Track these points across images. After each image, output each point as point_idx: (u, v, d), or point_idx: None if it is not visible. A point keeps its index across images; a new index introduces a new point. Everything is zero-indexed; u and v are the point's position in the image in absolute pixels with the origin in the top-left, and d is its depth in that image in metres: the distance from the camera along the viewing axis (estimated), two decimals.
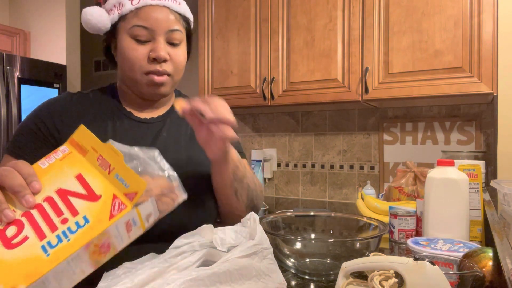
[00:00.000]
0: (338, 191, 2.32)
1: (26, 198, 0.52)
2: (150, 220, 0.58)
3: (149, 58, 0.80)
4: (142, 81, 0.82)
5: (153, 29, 0.79)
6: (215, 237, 0.61)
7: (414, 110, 2.11)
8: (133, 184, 0.56)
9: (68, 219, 0.53)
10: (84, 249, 0.51)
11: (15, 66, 2.57)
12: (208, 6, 2.31)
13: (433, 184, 1.04)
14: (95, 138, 0.61)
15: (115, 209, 0.54)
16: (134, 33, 0.79)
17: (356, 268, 0.64)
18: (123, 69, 0.83)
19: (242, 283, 0.54)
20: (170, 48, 0.82)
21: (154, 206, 0.58)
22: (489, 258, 0.70)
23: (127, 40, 0.80)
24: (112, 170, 0.58)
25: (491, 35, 1.60)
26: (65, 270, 0.50)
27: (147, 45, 0.80)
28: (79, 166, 0.59)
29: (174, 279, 0.50)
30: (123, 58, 0.81)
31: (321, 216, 1.01)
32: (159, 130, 0.88)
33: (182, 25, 0.84)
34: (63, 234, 0.51)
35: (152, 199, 0.57)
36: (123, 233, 0.55)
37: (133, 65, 0.80)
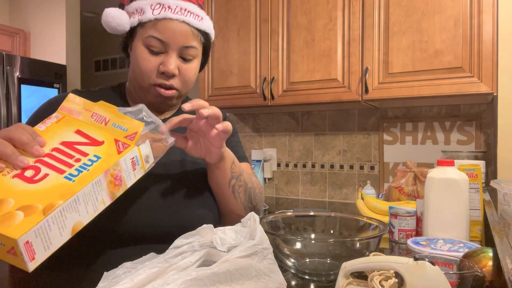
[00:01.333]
0: (338, 191, 2.32)
1: (35, 147, 0.57)
2: (149, 162, 0.65)
3: (158, 70, 0.80)
4: (149, 91, 0.82)
5: (168, 43, 0.79)
6: (215, 237, 0.61)
7: (414, 110, 2.11)
8: (131, 127, 0.62)
9: (80, 159, 0.58)
10: (104, 176, 0.57)
11: (15, 66, 2.58)
12: (208, 6, 2.31)
13: (433, 184, 1.04)
14: (85, 100, 0.65)
15: (120, 147, 0.61)
16: (149, 43, 0.79)
17: (356, 268, 0.64)
18: (133, 73, 0.84)
19: (242, 283, 0.54)
20: (181, 63, 0.82)
21: (150, 150, 0.65)
22: (489, 258, 0.70)
23: (141, 48, 0.80)
24: (109, 121, 0.63)
25: (491, 35, 1.60)
26: (90, 193, 0.55)
27: (159, 57, 0.80)
28: (75, 124, 0.63)
29: (174, 279, 0.50)
30: (135, 65, 0.82)
31: (321, 216, 1.01)
32: None
33: (199, 41, 0.84)
34: (81, 167, 0.57)
35: (147, 142, 0.64)
36: (130, 169, 0.61)
37: (142, 74, 0.81)
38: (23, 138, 0.57)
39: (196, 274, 0.50)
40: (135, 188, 0.71)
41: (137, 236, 0.75)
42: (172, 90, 0.82)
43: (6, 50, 2.92)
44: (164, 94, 0.82)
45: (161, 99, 0.83)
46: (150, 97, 0.83)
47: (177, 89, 0.83)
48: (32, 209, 0.49)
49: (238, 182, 0.85)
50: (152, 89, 0.81)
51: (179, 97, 0.86)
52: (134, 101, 0.89)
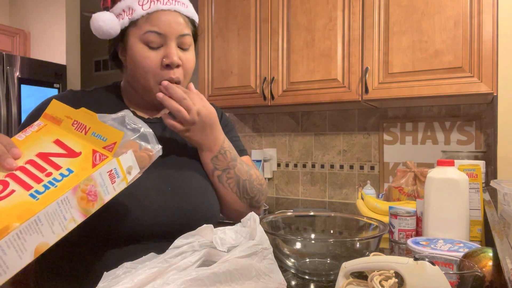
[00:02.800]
0: (338, 191, 2.32)
1: (7, 161, 0.55)
2: (132, 173, 0.61)
3: (162, 64, 0.79)
4: (156, 89, 0.81)
5: (166, 34, 0.79)
6: (215, 237, 0.61)
7: (414, 110, 2.11)
8: (110, 137, 0.59)
9: (52, 173, 0.55)
10: (72, 193, 0.53)
11: (15, 66, 2.58)
12: (208, 6, 2.31)
13: (433, 184, 1.04)
14: (68, 108, 0.63)
15: (97, 159, 0.57)
16: (147, 39, 0.78)
17: (356, 268, 0.64)
18: (134, 75, 0.82)
19: (242, 283, 0.54)
20: (181, 52, 0.82)
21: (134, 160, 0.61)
22: (489, 258, 0.70)
23: (139, 46, 0.79)
24: (89, 130, 0.60)
25: (491, 35, 1.60)
26: (56, 213, 0.51)
27: (159, 51, 0.80)
28: (56, 133, 0.61)
29: (174, 279, 0.50)
30: (136, 65, 0.80)
31: (321, 216, 1.01)
32: (162, 131, 0.88)
33: (190, 29, 0.84)
34: (49, 183, 0.53)
35: (130, 152, 0.60)
36: (107, 183, 0.57)
37: (146, 73, 0.80)
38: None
39: (196, 274, 0.50)
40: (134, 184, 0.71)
41: (140, 234, 0.75)
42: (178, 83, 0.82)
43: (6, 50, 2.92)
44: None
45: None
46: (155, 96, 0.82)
47: (181, 81, 0.82)
48: None
49: (227, 174, 0.86)
50: (157, 87, 0.80)
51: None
52: (131, 101, 0.89)
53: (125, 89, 0.90)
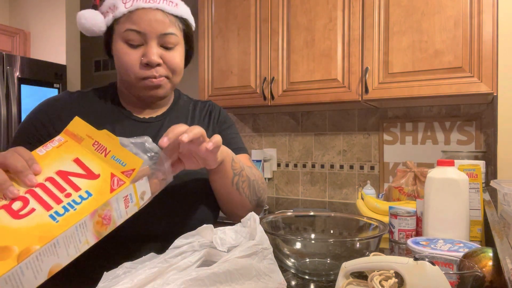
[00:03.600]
0: (338, 191, 2.32)
1: (29, 177, 0.55)
2: (145, 199, 0.62)
3: (141, 63, 0.79)
4: (138, 84, 0.81)
5: (145, 33, 0.78)
6: (215, 237, 0.61)
7: (414, 110, 2.11)
8: (130, 162, 0.59)
9: (71, 194, 0.55)
10: (90, 217, 0.54)
11: (15, 66, 2.57)
12: (208, 6, 2.31)
13: (433, 184, 1.04)
14: (89, 127, 0.64)
15: (115, 184, 0.58)
16: (127, 37, 0.78)
17: (356, 268, 0.64)
18: (119, 72, 0.83)
19: (242, 283, 0.54)
20: (164, 51, 0.80)
21: (148, 186, 0.62)
22: (489, 258, 0.70)
23: (120, 44, 0.79)
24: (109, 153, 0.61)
25: (491, 35, 1.60)
26: (73, 236, 0.52)
27: (140, 49, 0.79)
28: (76, 151, 0.62)
29: (174, 279, 0.50)
30: (118, 62, 0.81)
31: (321, 216, 1.01)
32: (158, 130, 0.88)
33: (178, 28, 0.82)
34: (69, 205, 0.54)
35: (146, 178, 0.61)
36: (122, 207, 0.58)
37: (127, 70, 0.79)
38: (17, 165, 0.55)
39: (196, 274, 0.50)
40: None
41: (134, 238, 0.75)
42: (162, 77, 0.81)
43: (6, 50, 2.92)
44: (155, 82, 0.80)
45: (151, 91, 0.82)
46: (140, 91, 0.82)
47: (166, 76, 0.81)
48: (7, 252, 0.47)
49: (241, 178, 0.84)
50: (140, 83, 0.80)
51: (170, 86, 0.85)
52: (126, 100, 0.89)
53: (120, 89, 0.90)
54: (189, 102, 0.98)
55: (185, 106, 0.96)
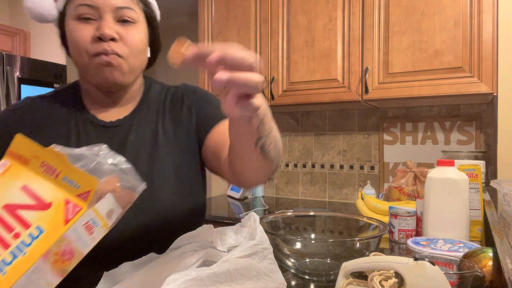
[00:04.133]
0: (338, 191, 2.32)
1: None
2: (113, 217, 0.54)
3: (93, 37, 0.70)
4: (91, 65, 0.72)
5: (98, 6, 0.71)
6: (215, 237, 0.61)
7: (414, 110, 2.11)
8: (84, 184, 0.52)
9: (20, 233, 0.49)
10: (43, 260, 0.48)
11: (15, 66, 2.58)
12: (208, 6, 2.31)
13: (433, 184, 1.04)
14: (34, 145, 0.56)
15: (70, 212, 0.50)
16: (78, 13, 0.71)
17: (356, 268, 0.64)
18: (72, 55, 0.74)
19: (242, 283, 0.54)
20: (121, 27, 0.72)
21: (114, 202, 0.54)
22: (489, 258, 0.70)
23: (72, 23, 0.72)
24: (59, 174, 0.53)
25: (491, 35, 1.60)
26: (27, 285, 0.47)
27: (93, 24, 0.71)
28: (23, 177, 0.54)
29: (174, 279, 0.50)
30: (70, 42, 0.73)
31: (321, 216, 1.01)
32: (126, 134, 0.79)
33: (136, 5, 0.75)
34: (18, 249, 0.48)
35: (109, 195, 0.53)
36: (84, 236, 0.51)
37: (78, 47, 0.71)
38: None
39: (196, 274, 0.50)
40: None
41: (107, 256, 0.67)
42: (114, 55, 0.71)
43: (6, 50, 2.92)
44: (105, 59, 0.71)
45: (104, 71, 0.72)
46: (94, 72, 0.73)
47: (122, 56, 0.72)
48: None
49: (268, 139, 0.62)
50: (93, 61, 0.71)
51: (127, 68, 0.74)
52: (90, 99, 0.81)
53: (83, 86, 0.82)
54: (161, 91, 0.87)
55: (157, 98, 0.85)
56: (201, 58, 0.44)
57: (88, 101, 0.81)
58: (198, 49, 0.44)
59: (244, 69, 0.45)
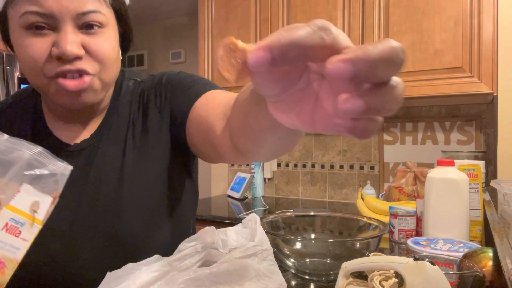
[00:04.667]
0: (338, 191, 2.32)
1: None
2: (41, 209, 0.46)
3: (51, 55, 0.55)
4: (49, 88, 0.57)
5: (53, 15, 0.54)
6: (217, 239, 0.61)
7: (414, 110, 2.11)
8: None
9: None
10: None
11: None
12: (208, 6, 2.31)
13: (433, 184, 1.04)
14: None
15: None
16: (26, 23, 0.55)
17: (356, 268, 0.64)
18: (26, 74, 0.59)
19: (241, 283, 0.54)
20: (86, 37, 0.57)
21: (36, 192, 0.46)
22: (489, 258, 0.71)
23: (19, 32, 0.56)
24: None
25: (491, 35, 1.60)
26: None
27: (49, 36, 0.55)
28: None
29: (173, 279, 0.50)
30: (19, 59, 0.58)
31: (321, 216, 1.01)
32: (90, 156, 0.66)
33: (103, 4, 0.59)
34: None
35: (24, 186, 0.45)
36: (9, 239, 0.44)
37: (32, 68, 0.56)
38: None
39: (195, 274, 0.51)
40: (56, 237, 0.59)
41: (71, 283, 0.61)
42: (84, 76, 0.57)
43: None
44: (70, 87, 0.56)
45: (70, 97, 0.58)
46: (55, 98, 0.59)
47: (92, 73, 0.58)
48: None
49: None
50: (52, 84, 0.56)
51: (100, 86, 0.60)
52: (51, 112, 0.67)
53: (42, 99, 0.69)
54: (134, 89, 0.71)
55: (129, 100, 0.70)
56: (285, 60, 0.24)
57: (50, 117, 0.67)
58: (277, 43, 0.24)
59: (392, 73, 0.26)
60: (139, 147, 0.67)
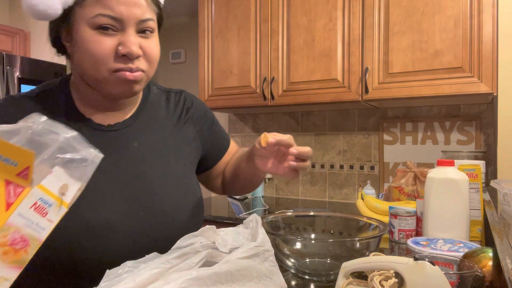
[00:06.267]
0: (338, 191, 2.33)
1: None
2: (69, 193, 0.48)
3: (117, 53, 0.66)
4: (110, 79, 0.67)
5: (122, 19, 0.65)
6: (217, 239, 0.61)
7: (414, 110, 2.11)
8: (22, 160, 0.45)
9: None
10: None
11: (15, 66, 2.58)
12: (208, 6, 2.31)
13: (433, 184, 1.04)
14: None
15: (11, 195, 0.45)
16: (98, 23, 0.64)
17: (356, 268, 0.64)
18: (83, 66, 0.68)
19: (243, 284, 0.54)
20: (142, 40, 0.68)
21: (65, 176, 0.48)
22: (489, 258, 0.71)
23: (88, 31, 0.65)
24: None
25: (491, 35, 1.60)
26: None
27: (114, 37, 0.66)
28: None
29: (175, 277, 0.50)
30: (84, 53, 0.66)
31: (321, 216, 1.01)
32: (127, 139, 0.75)
33: (153, 11, 0.71)
34: None
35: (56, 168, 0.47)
36: (36, 219, 0.45)
37: (97, 62, 0.66)
38: None
39: (197, 274, 0.51)
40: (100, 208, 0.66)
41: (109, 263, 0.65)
42: (139, 71, 0.68)
43: (6, 50, 2.92)
44: (130, 77, 0.67)
45: (126, 86, 0.69)
46: (112, 87, 0.69)
47: (144, 70, 0.69)
48: None
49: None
50: (113, 76, 0.67)
51: (145, 81, 0.73)
52: (84, 101, 0.75)
53: (75, 84, 0.75)
54: (160, 94, 0.85)
55: (157, 102, 0.83)
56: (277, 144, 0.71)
57: (81, 104, 0.75)
58: (278, 140, 0.70)
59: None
60: (170, 138, 0.81)
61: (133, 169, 0.73)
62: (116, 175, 0.71)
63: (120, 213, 0.69)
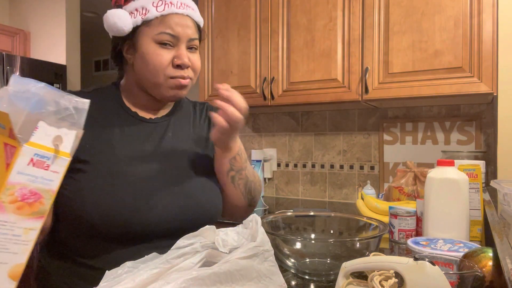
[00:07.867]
0: (338, 191, 2.32)
1: None
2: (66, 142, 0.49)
3: (172, 64, 0.83)
4: (166, 84, 0.84)
5: (178, 37, 0.83)
6: (217, 238, 0.61)
7: (414, 110, 2.11)
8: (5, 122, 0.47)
9: None
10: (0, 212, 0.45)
11: (15, 66, 2.57)
12: (208, 6, 2.31)
13: (433, 184, 1.04)
14: None
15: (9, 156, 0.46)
16: (160, 39, 0.82)
17: (356, 268, 0.64)
18: (143, 73, 0.85)
19: (242, 284, 0.54)
20: (190, 54, 0.86)
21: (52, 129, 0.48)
22: (489, 258, 0.71)
23: (152, 45, 0.83)
24: None
25: (491, 35, 1.60)
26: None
27: (171, 50, 0.84)
28: None
29: (175, 277, 0.50)
30: (146, 62, 0.83)
31: (321, 216, 1.01)
32: (164, 130, 0.91)
33: (197, 33, 0.89)
34: None
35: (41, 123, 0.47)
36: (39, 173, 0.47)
37: (157, 70, 0.83)
38: None
39: (197, 274, 0.51)
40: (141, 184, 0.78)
41: (147, 233, 0.79)
42: (188, 79, 0.86)
43: (6, 50, 2.92)
44: (183, 83, 0.85)
45: (177, 90, 0.86)
46: (166, 90, 0.85)
47: (191, 78, 0.87)
48: None
49: (239, 175, 0.91)
50: (170, 81, 0.84)
51: (189, 87, 0.90)
52: (133, 101, 0.91)
53: (127, 88, 0.91)
54: (189, 103, 1.02)
55: (187, 108, 1.00)
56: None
57: (129, 102, 0.91)
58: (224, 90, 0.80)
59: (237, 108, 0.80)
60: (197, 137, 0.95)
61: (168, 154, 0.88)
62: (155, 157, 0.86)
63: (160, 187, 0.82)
